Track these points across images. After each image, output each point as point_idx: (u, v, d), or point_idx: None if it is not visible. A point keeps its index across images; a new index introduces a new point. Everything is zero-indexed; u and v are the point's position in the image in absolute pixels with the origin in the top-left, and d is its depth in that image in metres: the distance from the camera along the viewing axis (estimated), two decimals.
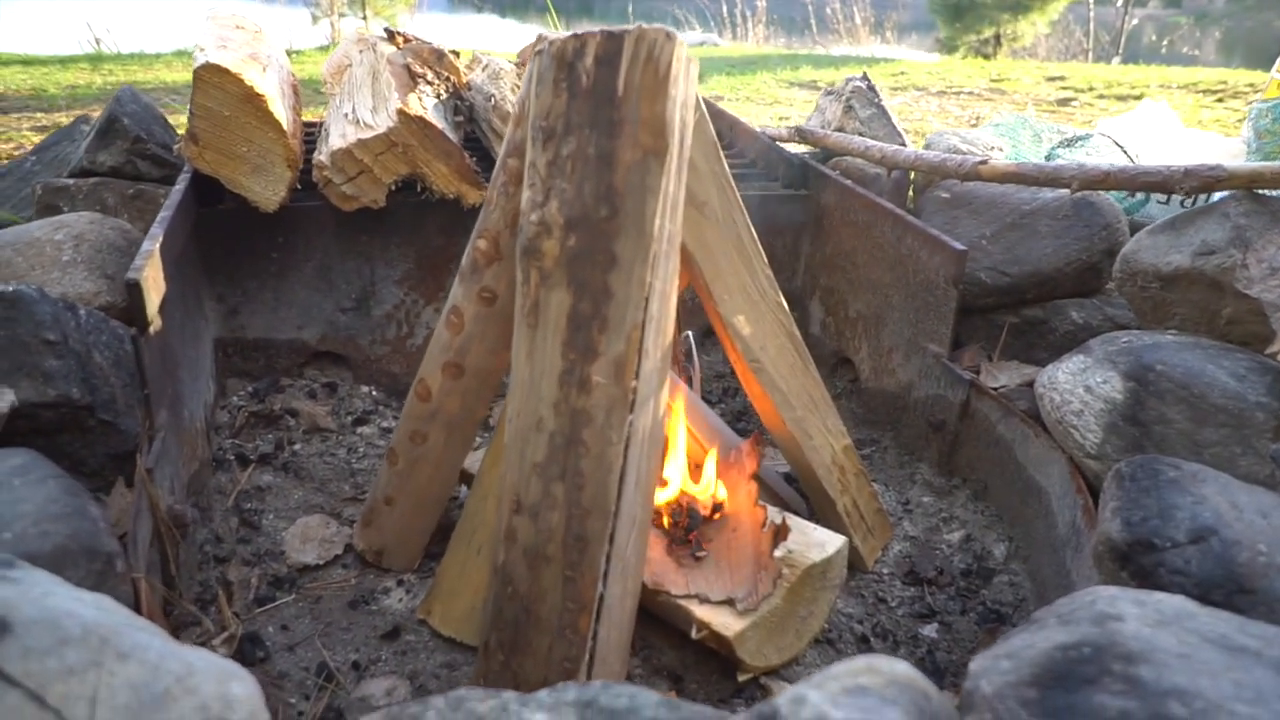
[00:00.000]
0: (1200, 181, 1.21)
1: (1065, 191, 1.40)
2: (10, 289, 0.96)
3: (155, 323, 1.03)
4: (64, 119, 4.76)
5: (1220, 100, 5.89)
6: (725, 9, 10.84)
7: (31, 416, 0.94)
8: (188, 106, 1.31)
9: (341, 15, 11.28)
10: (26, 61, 7.50)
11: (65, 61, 7.54)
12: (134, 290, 0.98)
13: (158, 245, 1.07)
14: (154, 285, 1.04)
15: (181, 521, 1.04)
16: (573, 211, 0.85)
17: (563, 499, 0.86)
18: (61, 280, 1.17)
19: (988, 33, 11.31)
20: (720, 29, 11.26)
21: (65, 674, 0.54)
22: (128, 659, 0.56)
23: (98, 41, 8.53)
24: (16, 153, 3.94)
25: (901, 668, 0.51)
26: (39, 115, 4.91)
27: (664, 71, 0.83)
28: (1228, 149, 2.22)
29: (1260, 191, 1.19)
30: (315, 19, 11.32)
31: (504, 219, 1.05)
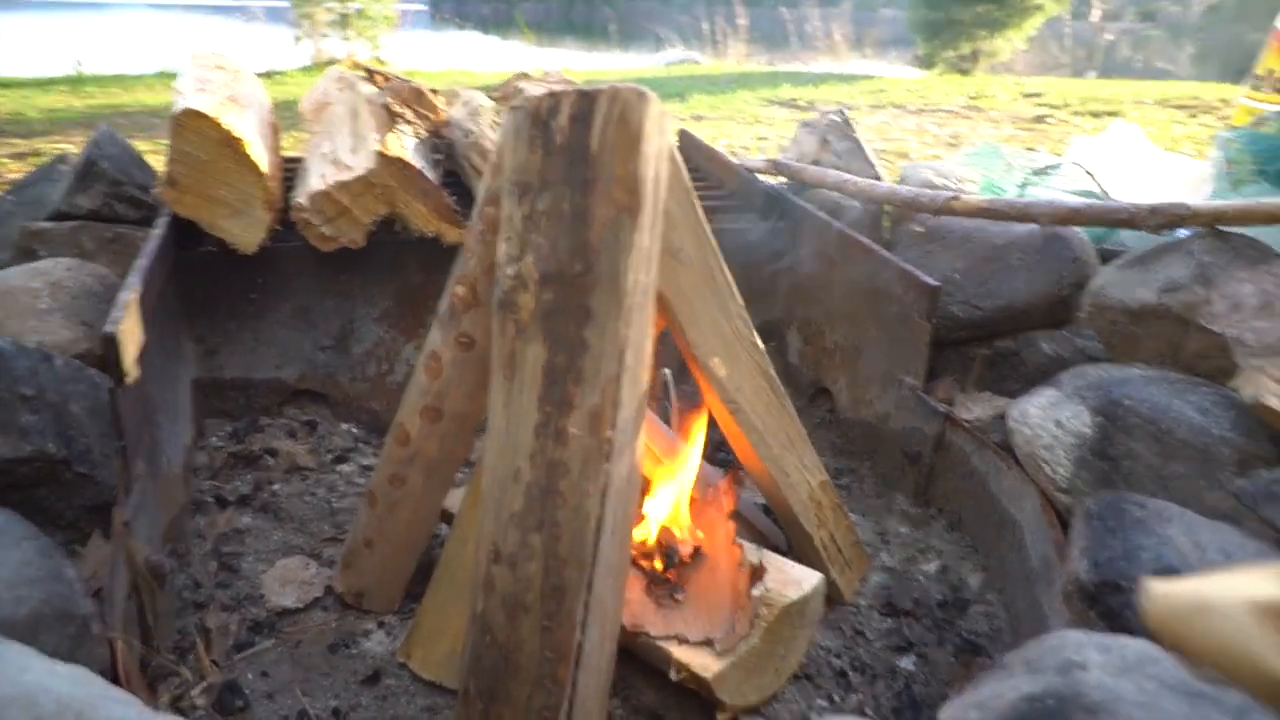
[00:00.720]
0: (1166, 219, 1.24)
1: (1036, 225, 1.43)
2: None
3: (132, 374, 1.04)
4: (43, 144, 4.73)
5: (1193, 115, 5.98)
6: (706, 27, 10.93)
7: (7, 473, 0.94)
8: (168, 146, 1.32)
9: (324, 36, 11.29)
10: (5, 84, 7.46)
11: (45, 84, 7.51)
12: (110, 343, 0.99)
13: (135, 296, 1.08)
14: (131, 336, 1.05)
15: (159, 572, 1.04)
16: (548, 267, 0.86)
17: (540, 549, 0.87)
18: (38, 329, 1.17)
19: (966, 49, 11.45)
20: (701, 47, 11.35)
21: None
22: None
23: (78, 64, 8.50)
24: None
25: None
26: (17, 141, 4.87)
27: (636, 130, 0.84)
28: (1196, 172, 2.26)
29: (1223, 229, 1.22)
30: (298, 39, 11.32)
31: (481, 266, 1.06)
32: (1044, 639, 0.76)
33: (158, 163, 1.81)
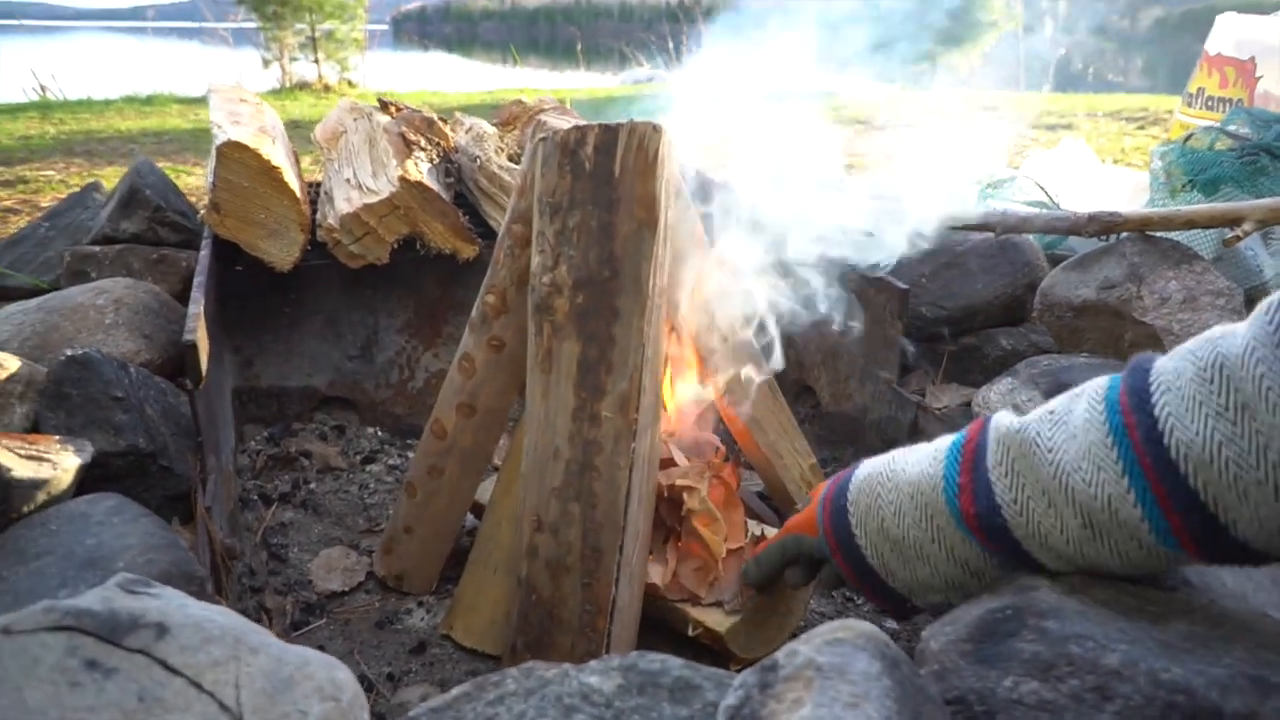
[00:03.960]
0: (1102, 225, 1.41)
1: (991, 234, 1.60)
2: (81, 352, 1.09)
3: (206, 378, 1.17)
4: (26, 171, 4.81)
5: (1142, 127, 6.29)
6: (671, 45, 11.18)
7: (104, 465, 1.06)
8: (213, 175, 1.45)
9: (293, 59, 11.37)
10: None
11: (13, 111, 7.53)
12: (190, 350, 1.12)
13: (201, 308, 1.21)
14: (203, 344, 1.18)
15: (232, 554, 1.17)
16: (580, 274, 1.01)
17: (579, 516, 1.02)
18: (105, 341, 1.29)
19: (925, 65, 11.80)
20: (667, 64, 11.59)
21: (213, 664, 0.68)
22: (257, 652, 0.70)
23: (43, 89, 8.51)
24: None
25: (868, 626, 0.67)
26: (0, 168, 4.94)
27: (652, 157, 1.00)
28: (1137, 183, 2.47)
29: (1151, 233, 1.40)
30: (266, 63, 11.39)
31: (510, 276, 1.20)
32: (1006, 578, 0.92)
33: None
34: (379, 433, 1.73)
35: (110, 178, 4.52)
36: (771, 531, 1.30)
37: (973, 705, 0.71)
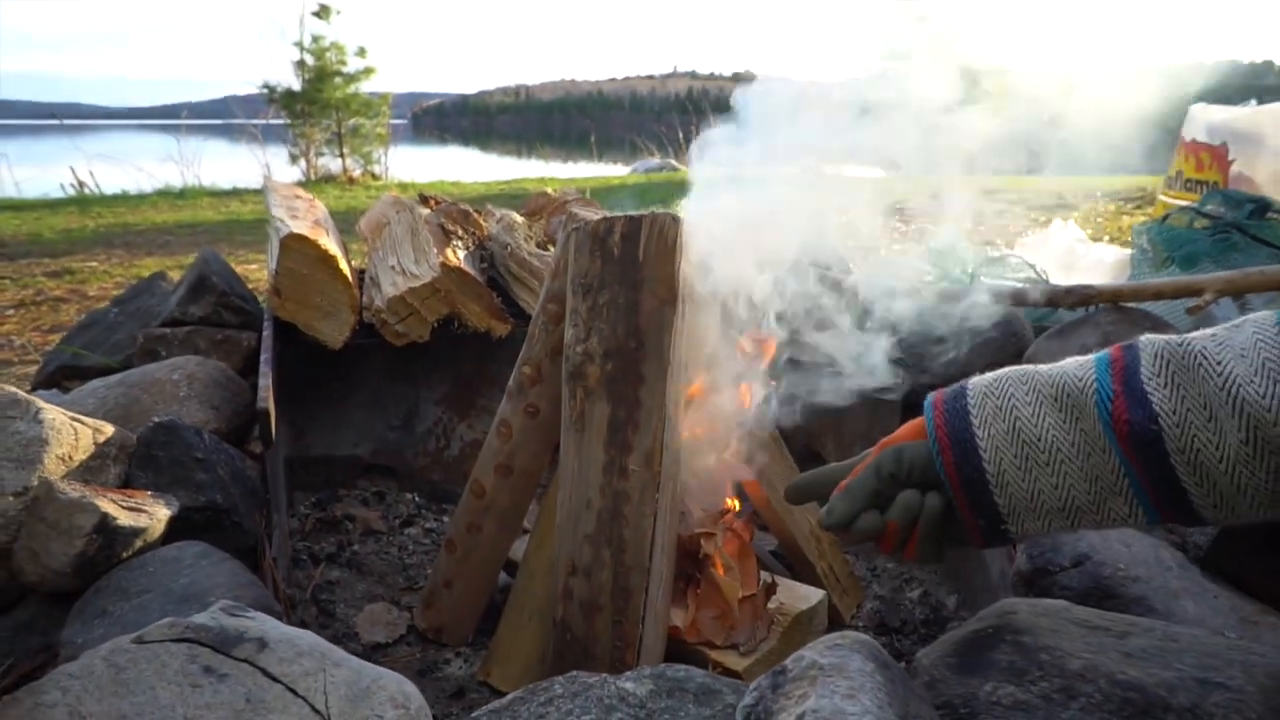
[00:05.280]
0: (1078, 298, 1.55)
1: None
2: (167, 419, 1.24)
3: (273, 444, 1.31)
4: (71, 263, 5.07)
5: (1139, 207, 6.49)
6: (681, 135, 11.64)
7: (186, 519, 1.19)
8: (277, 263, 1.62)
9: (319, 154, 11.86)
10: (15, 206, 7.85)
11: (53, 205, 7.91)
12: (263, 415, 1.26)
13: (270, 381, 1.36)
14: (273, 410, 1.32)
15: (292, 603, 1.28)
16: (609, 345, 1.16)
17: (610, 560, 1.13)
18: (180, 412, 1.44)
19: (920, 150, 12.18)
20: (676, 153, 12.04)
21: (305, 674, 0.80)
22: (340, 666, 0.82)
23: (80, 185, 8.93)
24: (38, 299, 4.22)
25: (862, 636, 0.79)
26: (46, 260, 5.22)
27: (672, 243, 1.15)
28: (1123, 259, 2.63)
29: (1125, 304, 1.54)
30: (294, 158, 11.89)
31: (545, 350, 1.35)
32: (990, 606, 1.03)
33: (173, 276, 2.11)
34: (416, 498, 1.85)
35: (150, 267, 4.76)
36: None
37: (958, 709, 0.82)
